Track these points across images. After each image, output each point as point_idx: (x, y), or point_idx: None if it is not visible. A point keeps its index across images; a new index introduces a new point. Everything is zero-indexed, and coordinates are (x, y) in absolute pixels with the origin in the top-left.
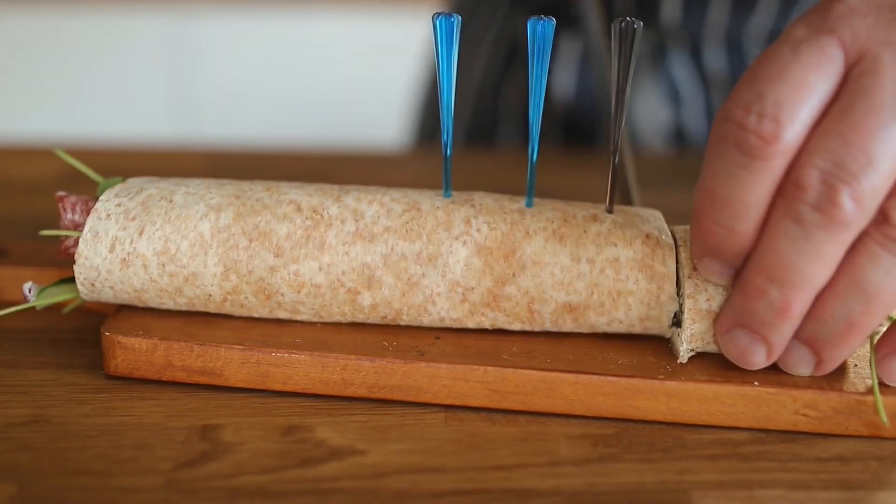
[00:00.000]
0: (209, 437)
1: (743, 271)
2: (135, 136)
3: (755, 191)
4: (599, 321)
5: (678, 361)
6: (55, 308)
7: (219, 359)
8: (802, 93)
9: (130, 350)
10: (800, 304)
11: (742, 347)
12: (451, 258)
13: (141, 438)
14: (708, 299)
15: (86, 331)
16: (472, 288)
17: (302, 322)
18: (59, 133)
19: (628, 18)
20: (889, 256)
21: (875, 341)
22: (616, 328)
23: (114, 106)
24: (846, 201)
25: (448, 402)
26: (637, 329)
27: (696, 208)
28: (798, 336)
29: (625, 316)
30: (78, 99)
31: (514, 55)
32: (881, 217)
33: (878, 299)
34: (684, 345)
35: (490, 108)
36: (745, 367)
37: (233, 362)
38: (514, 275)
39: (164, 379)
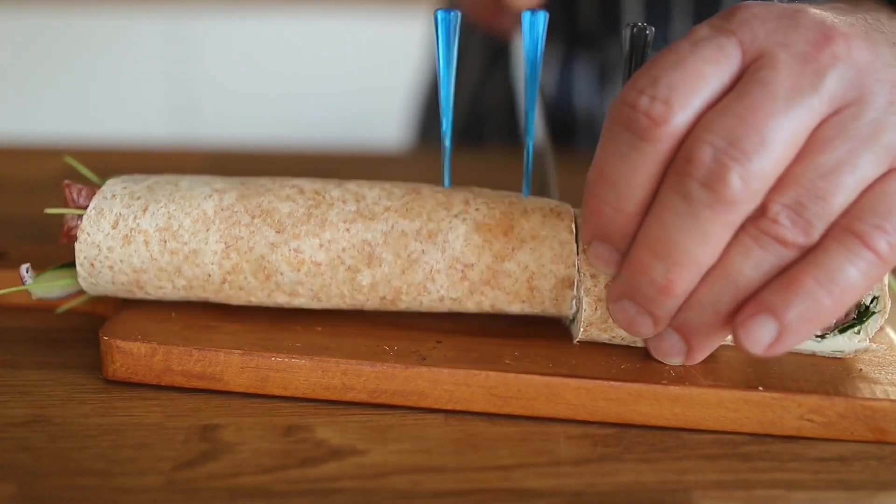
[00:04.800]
0: (209, 437)
1: (631, 246)
2: (135, 137)
3: (642, 171)
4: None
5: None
6: (55, 308)
7: (218, 363)
8: (696, 82)
9: (129, 354)
10: (683, 282)
11: (629, 317)
12: (450, 234)
13: (141, 438)
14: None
15: (86, 331)
16: (472, 264)
17: (302, 326)
18: (58, 133)
19: (640, 24)
20: (760, 251)
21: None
22: None
23: (114, 106)
24: (735, 180)
25: (449, 406)
26: None
27: (586, 189)
28: (670, 322)
29: None
30: (78, 99)
31: (499, 57)
32: (759, 211)
33: (745, 292)
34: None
35: (476, 109)
36: (633, 335)
37: (232, 367)
38: (513, 249)
39: (162, 384)
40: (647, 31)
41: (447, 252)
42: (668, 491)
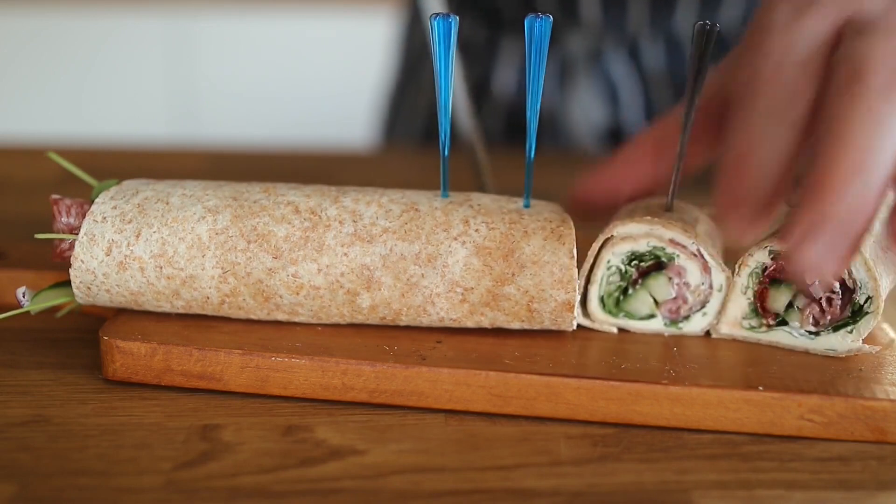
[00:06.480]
0: (209, 437)
1: (812, 177)
2: (135, 137)
3: (789, 134)
4: None
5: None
6: (53, 309)
7: (218, 363)
8: (810, 51)
9: (129, 354)
10: (880, 195)
11: (817, 258)
12: (450, 258)
13: (141, 438)
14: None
15: (86, 331)
16: (472, 288)
17: (302, 325)
18: (58, 133)
19: (707, 21)
20: None
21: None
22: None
23: (114, 106)
24: None
25: (449, 406)
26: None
27: (727, 159)
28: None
29: None
30: (78, 99)
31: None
32: None
33: None
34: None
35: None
36: (813, 278)
37: (232, 367)
38: (513, 274)
39: (162, 384)
40: (707, 27)
41: (447, 276)
42: (668, 491)
